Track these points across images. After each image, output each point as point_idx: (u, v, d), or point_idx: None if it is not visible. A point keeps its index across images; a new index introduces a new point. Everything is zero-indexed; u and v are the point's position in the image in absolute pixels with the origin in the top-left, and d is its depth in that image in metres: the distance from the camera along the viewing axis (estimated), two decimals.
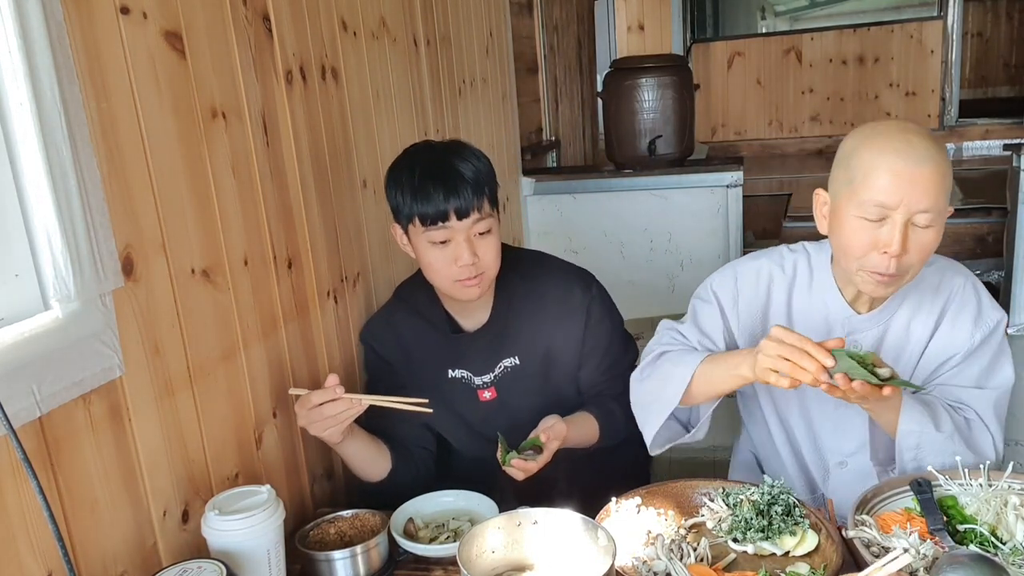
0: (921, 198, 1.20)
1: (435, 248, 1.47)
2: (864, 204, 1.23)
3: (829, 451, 1.49)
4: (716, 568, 1.16)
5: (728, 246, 3.45)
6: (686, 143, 3.83)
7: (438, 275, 1.50)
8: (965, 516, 1.20)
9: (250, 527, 1.10)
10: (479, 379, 1.62)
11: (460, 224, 1.44)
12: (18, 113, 0.94)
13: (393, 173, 1.51)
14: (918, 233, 1.23)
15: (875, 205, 1.22)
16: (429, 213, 1.44)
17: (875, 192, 1.21)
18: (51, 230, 0.97)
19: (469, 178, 1.44)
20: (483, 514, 1.37)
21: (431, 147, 1.53)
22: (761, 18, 7.63)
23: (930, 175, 1.20)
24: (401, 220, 1.51)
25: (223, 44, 1.34)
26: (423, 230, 1.46)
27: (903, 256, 1.23)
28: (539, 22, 3.98)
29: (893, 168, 1.20)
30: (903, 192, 1.20)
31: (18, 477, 0.93)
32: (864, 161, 1.23)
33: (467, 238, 1.46)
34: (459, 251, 1.45)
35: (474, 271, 1.47)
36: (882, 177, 1.21)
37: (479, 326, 1.61)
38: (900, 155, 1.20)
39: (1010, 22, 7.44)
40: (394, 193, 1.49)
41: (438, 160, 1.46)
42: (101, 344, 1.04)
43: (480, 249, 1.47)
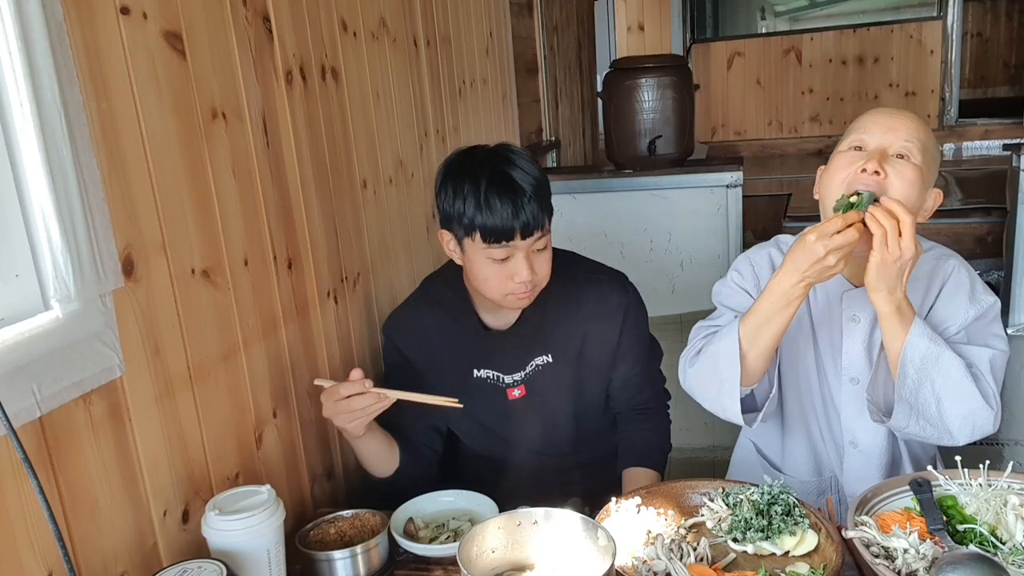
0: (899, 132, 1.32)
1: (492, 263, 1.43)
2: (849, 139, 1.36)
3: (845, 430, 1.49)
4: (716, 568, 1.16)
5: (728, 246, 3.45)
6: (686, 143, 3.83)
7: (490, 288, 1.46)
8: (965, 516, 1.20)
9: (250, 527, 1.10)
10: (509, 378, 1.59)
11: (523, 242, 1.41)
12: (18, 113, 0.94)
13: (452, 178, 1.44)
14: (897, 164, 1.30)
15: (857, 133, 1.35)
16: (494, 230, 1.39)
17: (858, 131, 1.36)
18: (51, 230, 0.97)
19: (534, 195, 1.40)
20: (483, 514, 1.37)
21: (495, 155, 1.45)
22: (761, 18, 7.62)
23: (907, 122, 1.34)
24: (455, 229, 1.46)
25: (223, 44, 1.34)
26: (484, 246, 1.41)
27: (883, 178, 1.27)
28: (539, 22, 3.98)
29: (873, 118, 1.37)
30: (882, 128, 1.34)
31: (18, 477, 0.93)
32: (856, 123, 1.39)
33: (527, 255, 1.43)
34: (518, 268, 1.42)
35: (530, 287, 1.45)
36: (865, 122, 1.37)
37: (509, 325, 1.58)
38: (881, 111, 1.38)
39: (1010, 22, 7.44)
40: (452, 200, 1.43)
41: (503, 173, 1.41)
42: (101, 344, 1.04)
43: (537, 264, 1.45)
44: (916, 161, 1.30)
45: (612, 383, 1.65)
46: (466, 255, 1.47)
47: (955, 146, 5.59)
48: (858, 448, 1.48)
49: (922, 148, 1.31)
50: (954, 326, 1.38)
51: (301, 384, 1.56)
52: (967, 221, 3.67)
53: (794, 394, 1.52)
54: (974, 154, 5.51)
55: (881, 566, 1.07)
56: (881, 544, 1.13)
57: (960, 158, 5.48)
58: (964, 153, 5.57)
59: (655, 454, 1.64)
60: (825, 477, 1.54)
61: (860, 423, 1.46)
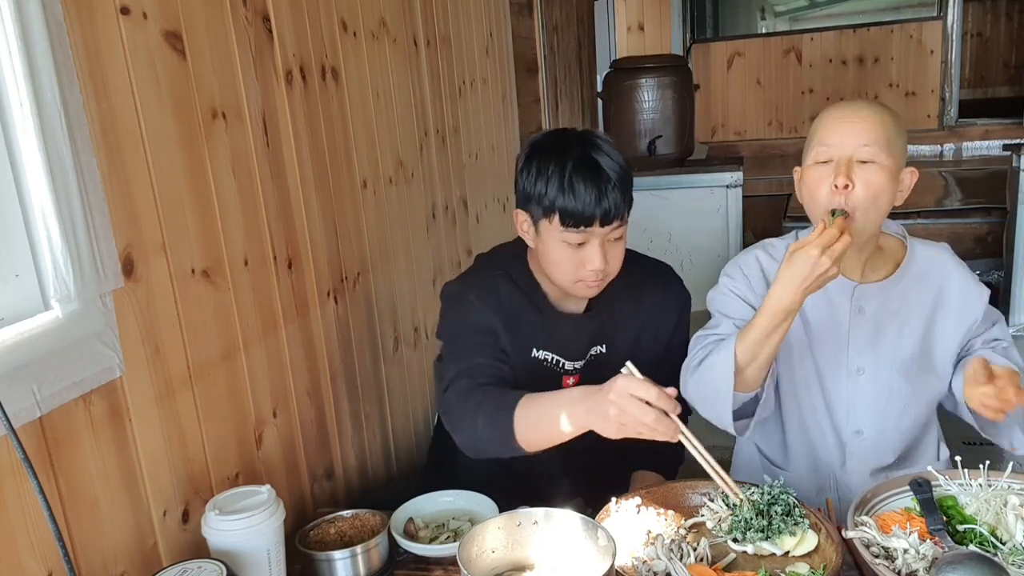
0: (859, 135, 1.35)
1: (567, 247, 1.41)
2: (813, 149, 1.40)
3: (844, 422, 1.50)
4: (716, 568, 1.16)
5: (728, 246, 3.45)
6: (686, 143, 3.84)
7: (561, 272, 1.44)
8: (965, 516, 1.20)
9: (250, 527, 1.10)
10: (570, 364, 1.57)
11: (601, 230, 1.39)
12: (18, 113, 0.94)
13: (538, 157, 1.42)
14: (863, 169, 1.34)
15: (821, 146, 1.38)
16: (574, 214, 1.37)
17: (823, 135, 1.38)
18: (51, 230, 0.97)
19: (617, 181, 1.38)
20: (483, 514, 1.37)
21: (582, 139, 1.42)
22: (761, 18, 7.62)
23: (867, 117, 1.36)
24: (533, 209, 1.43)
25: (223, 44, 1.34)
26: (561, 229, 1.39)
27: (850, 193, 1.32)
28: (539, 22, 3.98)
29: (834, 115, 1.39)
30: (842, 131, 1.36)
31: (18, 477, 0.93)
32: (814, 125, 1.43)
33: (602, 243, 1.40)
34: (591, 255, 1.40)
35: (601, 275, 1.43)
36: (825, 124, 1.39)
37: (577, 312, 1.56)
38: (841, 107, 1.41)
39: (1010, 22, 7.44)
40: (533, 180, 1.41)
41: (590, 158, 1.38)
42: (101, 344, 1.04)
43: (610, 254, 1.42)
44: (882, 161, 1.34)
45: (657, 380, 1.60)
46: (540, 237, 1.45)
47: (955, 146, 5.59)
48: (862, 436, 1.50)
49: (886, 144, 1.34)
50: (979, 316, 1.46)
51: (301, 384, 1.56)
52: (967, 221, 3.67)
53: (791, 392, 1.52)
54: (974, 154, 5.51)
55: (881, 566, 1.07)
56: (881, 544, 1.13)
57: (960, 158, 5.48)
58: (964, 153, 5.57)
59: (668, 460, 1.62)
60: (824, 474, 1.54)
61: (865, 412, 1.48)
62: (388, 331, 1.97)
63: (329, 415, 1.68)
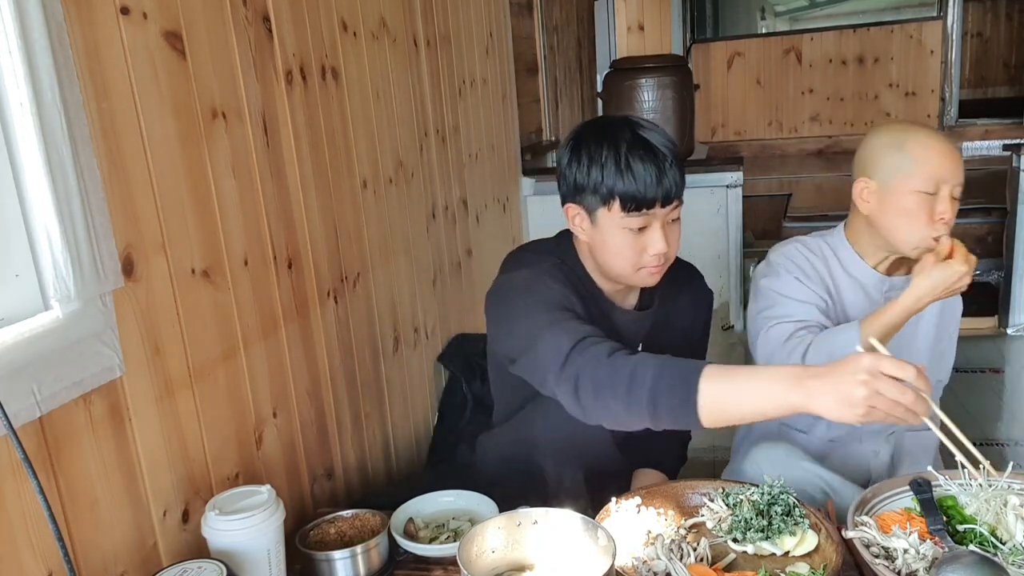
0: (960, 171, 1.50)
1: (628, 234, 1.35)
2: (923, 181, 1.49)
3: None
4: (716, 568, 1.16)
5: (728, 246, 3.45)
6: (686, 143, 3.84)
7: (623, 261, 1.38)
8: (965, 516, 1.20)
9: (250, 527, 1.10)
10: None
11: (662, 211, 1.34)
12: (18, 113, 0.94)
13: (587, 146, 1.37)
14: (954, 204, 1.51)
15: (933, 180, 1.48)
16: (636, 197, 1.32)
17: (933, 169, 1.48)
18: (51, 230, 0.97)
19: (675, 160, 1.34)
20: (483, 514, 1.37)
21: (628, 123, 1.38)
22: (761, 18, 7.62)
23: (959, 155, 1.52)
24: (588, 200, 1.37)
25: (223, 44, 1.34)
26: (622, 215, 1.34)
27: (950, 220, 1.48)
28: (539, 22, 3.98)
29: (940, 150, 1.50)
30: (951, 166, 1.49)
31: (18, 477, 0.93)
32: (911, 149, 1.51)
33: (663, 225, 1.36)
34: (653, 239, 1.35)
35: (663, 259, 1.38)
36: (932, 158, 1.49)
37: (630, 307, 1.53)
38: (940, 141, 1.52)
39: (1010, 22, 7.44)
40: (586, 169, 1.35)
41: (643, 138, 1.34)
42: (101, 344, 1.04)
43: (671, 236, 1.38)
44: (959, 196, 1.52)
45: None
46: (598, 227, 1.39)
47: None
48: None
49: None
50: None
51: (301, 384, 1.56)
52: (967, 221, 3.67)
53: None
54: (974, 154, 5.50)
55: (881, 566, 1.07)
56: (881, 544, 1.13)
57: None
58: (964, 153, 5.53)
59: (671, 459, 1.62)
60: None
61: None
62: (388, 331, 1.97)
63: (329, 415, 1.68)
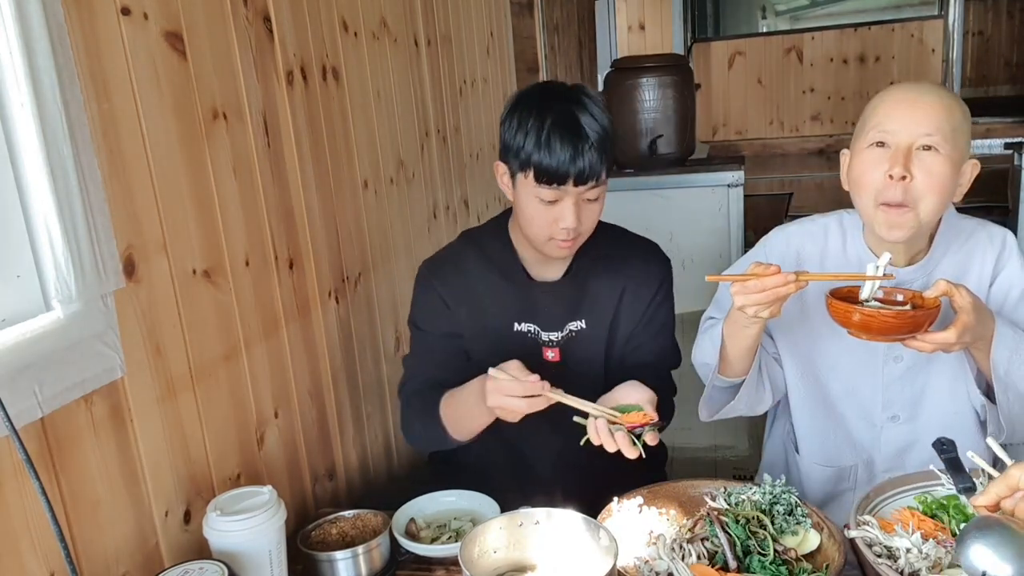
0: (922, 121, 1.26)
1: (540, 203, 1.40)
2: (870, 132, 1.31)
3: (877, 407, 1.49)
4: (718, 568, 1.16)
5: (729, 246, 3.45)
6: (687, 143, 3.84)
7: (534, 228, 1.44)
8: (967, 515, 1.20)
9: (252, 528, 1.10)
10: (546, 335, 1.56)
11: (575, 189, 1.38)
12: (19, 114, 0.94)
13: (518, 110, 1.41)
14: (924, 157, 1.27)
15: (880, 130, 1.29)
16: (548, 171, 1.36)
17: (878, 119, 1.30)
18: (52, 231, 0.97)
19: (596, 142, 1.37)
20: (485, 514, 1.37)
21: (567, 95, 1.42)
22: (762, 17, 7.62)
23: (932, 103, 1.27)
24: (511, 162, 1.43)
25: (224, 45, 1.34)
26: (535, 185, 1.39)
27: (909, 184, 1.26)
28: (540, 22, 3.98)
29: (896, 97, 1.31)
30: (904, 115, 1.28)
31: (20, 478, 0.93)
32: (872, 104, 1.34)
33: (576, 202, 1.40)
34: (564, 213, 1.40)
35: (573, 235, 1.42)
36: (886, 107, 1.30)
37: (553, 279, 1.56)
38: (905, 89, 1.32)
39: (1011, 21, 7.43)
40: (514, 132, 1.40)
41: (571, 115, 1.37)
42: (103, 345, 1.04)
43: (584, 214, 1.42)
44: (944, 151, 1.26)
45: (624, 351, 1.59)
46: (517, 190, 1.45)
47: None
48: (900, 421, 1.49)
49: (950, 134, 1.26)
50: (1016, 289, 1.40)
51: (303, 384, 1.56)
52: None
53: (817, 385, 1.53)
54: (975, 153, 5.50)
55: (884, 566, 1.07)
56: (884, 544, 1.13)
57: None
58: None
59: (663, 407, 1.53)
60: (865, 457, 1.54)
61: (902, 398, 1.47)
62: (389, 331, 1.97)
63: (331, 415, 1.68)
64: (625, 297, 1.57)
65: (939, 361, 1.43)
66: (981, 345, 1.30)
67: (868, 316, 1.20)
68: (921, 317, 1.21)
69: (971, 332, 1.23)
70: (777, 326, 1.52)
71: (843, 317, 1.23)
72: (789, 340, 1.52)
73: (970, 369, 1.43)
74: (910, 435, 1.49)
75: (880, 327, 1.21)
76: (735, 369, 1.40)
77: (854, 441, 1.53)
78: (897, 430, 1.49)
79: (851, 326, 1.23)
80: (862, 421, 1.51)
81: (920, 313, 1.21)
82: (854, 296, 1.29)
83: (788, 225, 1.56)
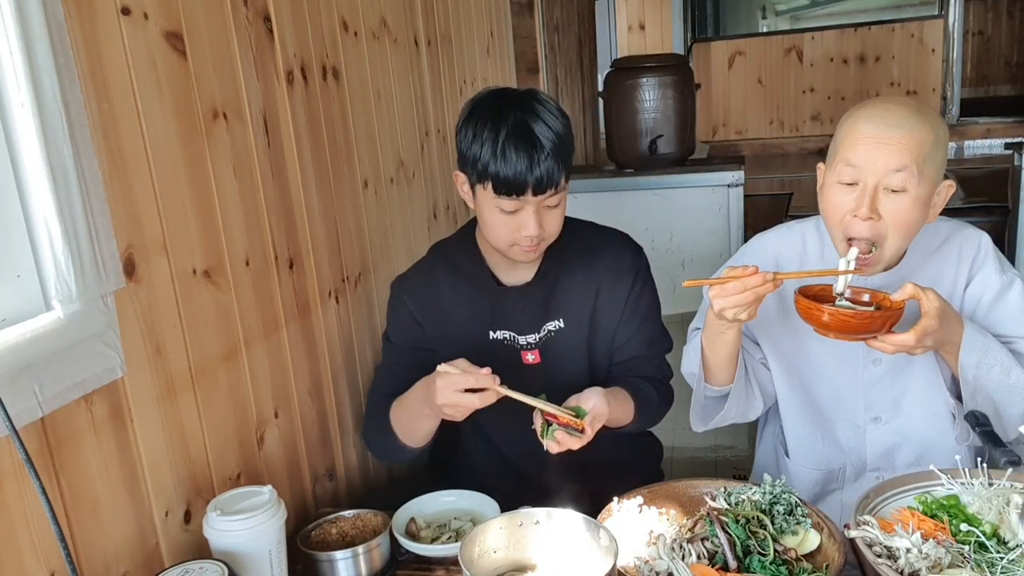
0: (889, 159, 1.24)
1: (501, 213, 1.41)
2: (837, 167, 1.29)
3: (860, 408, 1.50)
4: (718, 568, 1.16)
5: (729, 246, 3.45)
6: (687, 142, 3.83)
7: (497, 237, 1.44)
8: (968, 515, 1.20)
9: (252, 527, 1.10)
10: (523, 339, 1.56)
11: (534, 198, 1.38)
12: (19, 114, 0.94)
13: (473, 120, 1.41)
14: (891, 199, 1.26)
15: (846, 165, 1.27)
16: (505, 182, 1.36)
17: (846, 153, 1.27)
18: (53, 231, 0.97)
19: (551, 150, 1.36)
20: (485, 514, 1.37)
21: (520, 103, 1.40)
22: (762, 17, 7.62)
23: (901, 138, 1.24)
24: (469, 172, 1.43)
25: (224, 44, 1.34)
26: (494, 196, 1.39)
27: (877, 223, 1.27)
28: (540, 22, 3.98)
29: (863, 131, 1.26)
30: (870, 153, 1.25)
31: (20, 477, 0.93)
32: (844, 129, 1.31)
33: (536, 210, 1.40)
34: (526, 222, 1.40)
35: (536, 241, 1.43)
36: (853, 139, 1.27)
37: (524, 283, 1.56)
38: (872, 120, 1.26)
39: (1011, 20, 7.43)
40: (469, 142, 1.40)
41: (525, 124, 1.37)
42: (103, 345, 1.04)
43: (546, 220, 1.42)
44: (913, 189, 1.25)
45: (615, 350, 1.60)
46: (477, 200, 1.45)
47: (957, 145, 5.58)
48: (882, 422, 1.50)
49: (920, 169, 1.25)
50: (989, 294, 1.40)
51: (303, 384, 1.56)
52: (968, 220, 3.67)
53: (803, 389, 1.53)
54: (976, 153, 5.50)
55: (884, 566, 1.07)
56: (884, 544, 1.13)
57: (962, 157, 5.48)
58: (966, 152, 5.57)
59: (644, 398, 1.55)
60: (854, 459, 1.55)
61: (883, 400, 1.48)
62: None
63: (331, 415, 1.68)
64: (602, 293, 1.57)
65: (917, 364, 1.44)
66: (950, 349, 1.31)
67: (830, 315, 1.21)
68: (881, 318, 1.21)
69: (932, 337, 1.24)
70: (762, 332, 1.53)
71: (808, 314, 1.25)
72: (775, 346, 1.53)
73: (942, 373, 1.44)
74: (895, 436, 1.50)
75: (839, 326, 1.22)
76: (719, 377, 1.42)
77: (840, 443, 1.55)
78: (880, 431, 1.50)
79: (816, 323, 1.25)
80: (847, 423, 1.52)
81: (879, 314, 1.22)
82: (824, 296, 1.30)
83: (767, 232, 1.56)
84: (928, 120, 1.27)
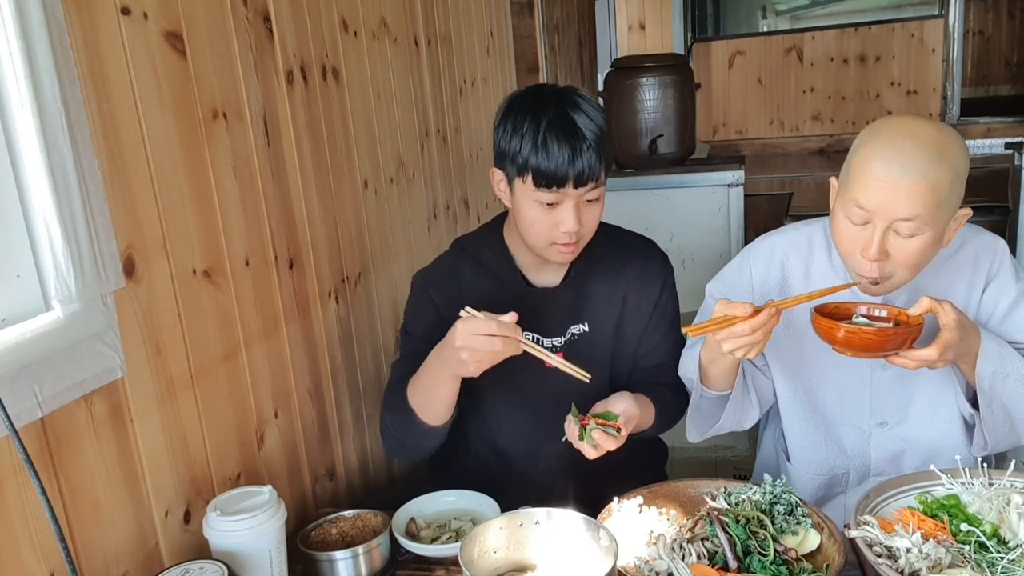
0: (901, 207, 1.20)
1: (540, 207, 1.39)
2: (848, 205, 1.26)
3: (865, 413, 1.50)
4: (718, 568, 1.16)
5: (729, 245, 3.45)
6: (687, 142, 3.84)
7: (534, 233, 1.42)
8: (968, 515, 1.20)
9: (252, 528, 1.10)
10: (548, 341, 1.55)
11: (575, 191, 1.37)
12: (19, 114, 0.94)
13: (512, 114, 1.40)
14: (901, 241, 1.24)
15: (856, 207, 1.24)
16: (547, 174, 1.35)
17: (857, 194, 1.24)
18: (52, 231, 0.97)
19: (593, 142, 1.35)
20: (485, 514, 1.37)
21: (560, 97, 1.40)
22: (762, 17, 7.61)
23: (914, 186, 1.19)
24: (508, 168, 1.41)
25: (224, 44, 1.34)
26: (534, 189, 1.37)
27: (884, 262, 1.26)
28: (540, 22, 3.98)
29: (876, 174, 1.21)
30: (882, 199, 1.21)
31: (20, 477, 0.93)
32: (858, 161, 1.26)
33: (576, 204, 1.38)
34: (565, 216, 1.38)
35: (575, 238, 1.41)
36: (865, 181, 1.23)
37: (553, 285, 1.55)
38: (887, 162, 1.21)
39: (1011, 20, 7.43)
40: (509, 137, 1.39)
41: (567, 116, 1.36)
42: (103, 345, 1.04)
43: (585, 216, 1.40)
44: (925, 233, 1.23)
45: (639, 356, 1.59)
46: (515, 196, 1.43)
47: None
48: (888, 426, 1.50)
49: (933, 212, 1.21)
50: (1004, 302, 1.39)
51: (303, 384, 1.56)
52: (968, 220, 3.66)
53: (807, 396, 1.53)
54: (976, 153, 5.49)
55: (884, 566, 1.07)
56: (884, 544, 1.13)
57: None
58: None
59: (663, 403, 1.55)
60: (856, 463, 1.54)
61: (890, 404, 1.48)
62: (390, 331, 1.97)
63: (331, 415, 1.68)
64: (629, 300, 1.56)
65: (926, 369, 1.43)
66: (967, 359, 1.31)
67: (850, 333, 1.22)
68: (903, 334, 1.21)
69: (953, 349, 1.24)
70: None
71: (827, 334, 1.25)
72: (778, 355, 1.52)
73: (958, 381, 1.43)
74: (901, 441, 1.50)
75: (862, 344, 1.22)
76: (718, 385, 1.42)
77: (844, 448, 1.54)
78: (886, 435, 1.50)
79: (835, 342, 1.25)
80: (851, 428, 1.52)
81: (902, 331, 1.22)
82: (840, 312, 1.30)
83: (771, 234, 1.53)
84: (946, 158, 1.20)
